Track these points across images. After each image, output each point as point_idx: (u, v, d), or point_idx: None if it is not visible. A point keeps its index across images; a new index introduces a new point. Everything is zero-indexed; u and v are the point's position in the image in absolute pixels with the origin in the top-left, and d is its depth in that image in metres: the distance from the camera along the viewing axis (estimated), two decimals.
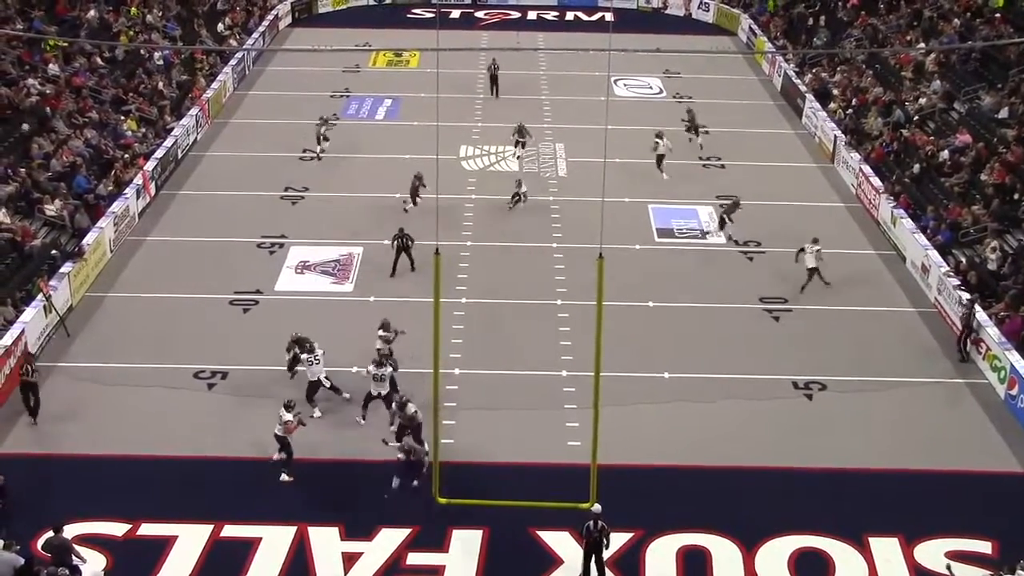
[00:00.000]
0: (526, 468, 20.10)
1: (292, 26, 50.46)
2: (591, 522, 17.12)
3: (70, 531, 17.42)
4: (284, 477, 19.61)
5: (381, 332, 22.37)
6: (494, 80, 40.50)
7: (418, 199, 29.86)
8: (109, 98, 34.98)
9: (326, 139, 34.47)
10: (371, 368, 20.95)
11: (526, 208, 30.93)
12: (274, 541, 18.08)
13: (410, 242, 26.79)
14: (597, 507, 17.07)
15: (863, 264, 28.73)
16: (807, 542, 18.36)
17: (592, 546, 17.30)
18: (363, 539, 18.19)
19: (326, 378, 21.55)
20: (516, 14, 53.20)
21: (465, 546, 18.05)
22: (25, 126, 30.70)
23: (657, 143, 33.28)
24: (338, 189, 32.27)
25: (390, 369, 21.08)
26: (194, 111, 36.22)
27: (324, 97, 40.09)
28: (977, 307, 23.99)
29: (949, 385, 23.35)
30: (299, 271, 27.41)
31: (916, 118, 34.75)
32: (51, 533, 17.07)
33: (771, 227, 30.19)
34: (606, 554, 17.28)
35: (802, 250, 26.74)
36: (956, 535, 18.54)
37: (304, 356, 21.71)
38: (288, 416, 19.51)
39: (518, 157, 34.76)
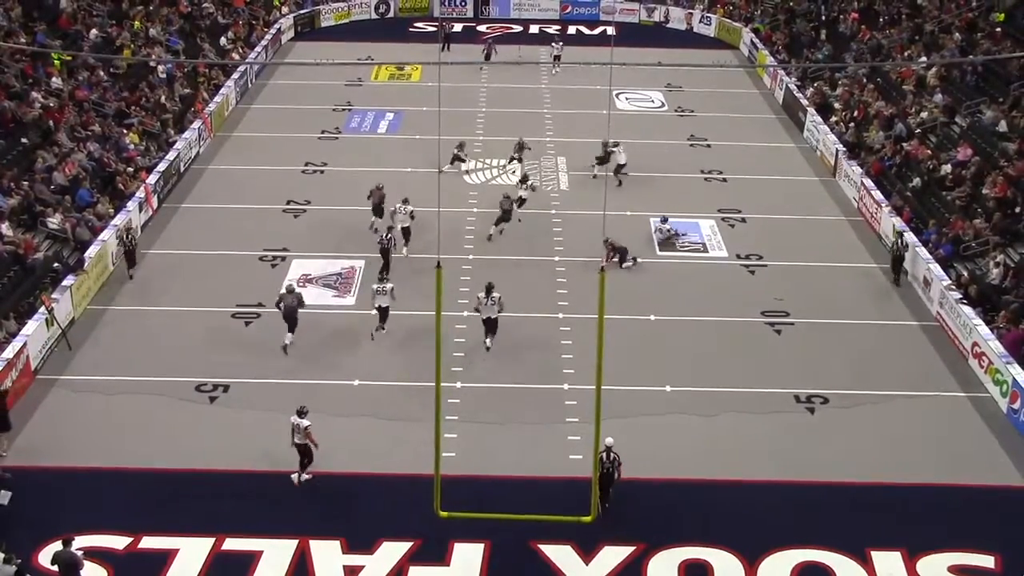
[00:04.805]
0: (527, 481, 20.06)
1: (295, 40, 50.57)
2: (604, 452, 18.23)
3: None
4: (305, 477, 19.82)
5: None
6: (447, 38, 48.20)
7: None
8: (112, 111, 35.04)
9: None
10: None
11: (528, 221, 30.91)
12: (275, 554, 18.05)
13: (392, 246, 27.52)
14: (610, 440, 18.31)
15: (865, 277, 28.72)
16: (810, 556, 18.31)
17: (605, 476, 18.37)
18: (364, 552, 18.15)
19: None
20: (518, 28, 53.36)
21: (466, 559, 18.02)
22: (27, 140, 30.78)
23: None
24: (340, 203, 32.31)
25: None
26: (196, 124, 36.28)
27: (326, 110, 40.22)
28: (910, 236, 24.99)
29: (951, 399, 23.31)
30: (301, 284, 27.40)
31: (918, 131, 34.80)
32: (60, 546, 17.00)
33: (773, 240, 30.23)
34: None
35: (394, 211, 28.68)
36: (959, 549, 18.48)
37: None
38: (305, 422, 19.55)
39: (514, 173, 34.50)
